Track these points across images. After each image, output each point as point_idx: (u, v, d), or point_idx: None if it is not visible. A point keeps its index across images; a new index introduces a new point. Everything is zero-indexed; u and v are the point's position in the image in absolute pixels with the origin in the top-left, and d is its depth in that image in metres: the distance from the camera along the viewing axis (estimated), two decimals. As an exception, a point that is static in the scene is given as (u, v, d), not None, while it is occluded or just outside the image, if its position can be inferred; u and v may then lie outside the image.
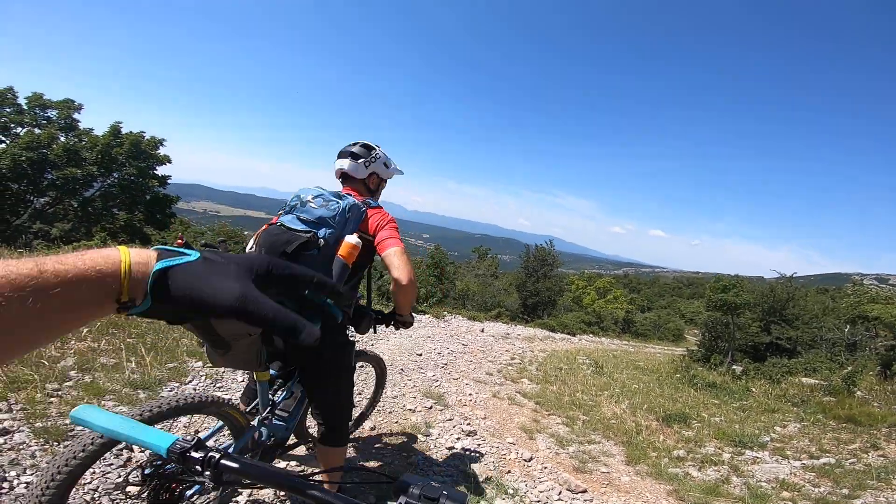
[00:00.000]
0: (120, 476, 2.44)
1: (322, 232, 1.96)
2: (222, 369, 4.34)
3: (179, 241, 1.99)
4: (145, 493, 1.62)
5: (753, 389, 10.17)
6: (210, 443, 1.91)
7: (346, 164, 2.39)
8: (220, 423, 2.04)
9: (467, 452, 3.91)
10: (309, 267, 1.95)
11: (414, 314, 2.88)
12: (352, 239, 1.95)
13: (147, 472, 1.54)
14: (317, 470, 2.13)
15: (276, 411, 2.25)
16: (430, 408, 4.89)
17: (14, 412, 2.73)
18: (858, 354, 14.60)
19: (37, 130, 17.16)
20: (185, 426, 3.17)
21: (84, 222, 18.25)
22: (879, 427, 7.04)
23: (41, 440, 2.54)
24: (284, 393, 2.31)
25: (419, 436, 4.03)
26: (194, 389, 3.73)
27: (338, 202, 2.02)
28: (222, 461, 0.83)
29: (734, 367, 14.04)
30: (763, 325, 18.87)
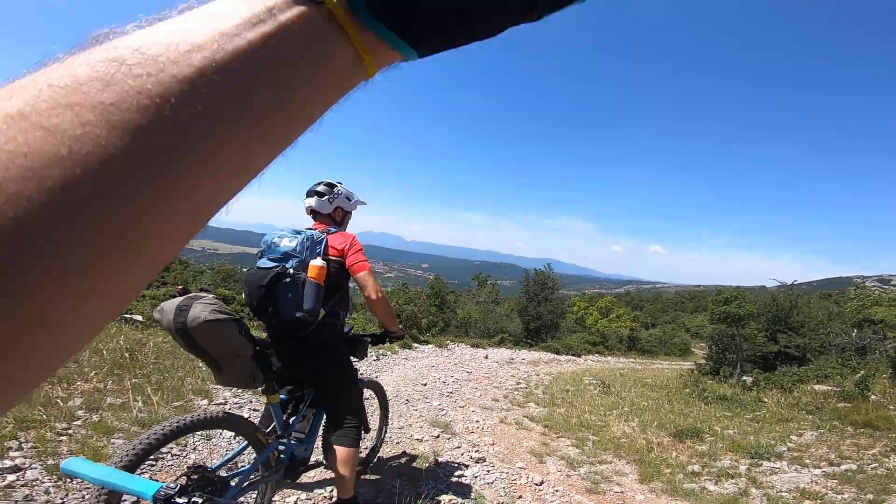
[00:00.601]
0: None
1: (289, 263, 2.32)
2: (227, 406, 4.41)
3: (179, 287, 2.29)
4: None
5: (765, 399, 9.99)
6: (241, 462, 1.90)
7: (312, 202, 2.68)
8: (245, 442, 2.26)
9: (477, 479, 3.81)
10: (285, 291, 2.12)
11: (416, 344, 3.03)
12: (316, 262, 2.31)
13: None
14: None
15: (293, 433, 2.51)
16: (438, 436, 4.80)
17: (25, 450, 2.77)
18: (869, 358, 14.42)
19: None
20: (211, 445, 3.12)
21: None
22: (898, 430, 6.89)
23: (54, 477, 2.57)
24: (298, 415, 2.56)
25: (427, 465, 3.94)
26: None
27: (296, 236, 2.40)
28: None
29: (744, 378, 13.84)
30: (769, 334, 18.67)
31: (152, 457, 2.45)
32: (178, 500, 0.84)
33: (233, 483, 2.09)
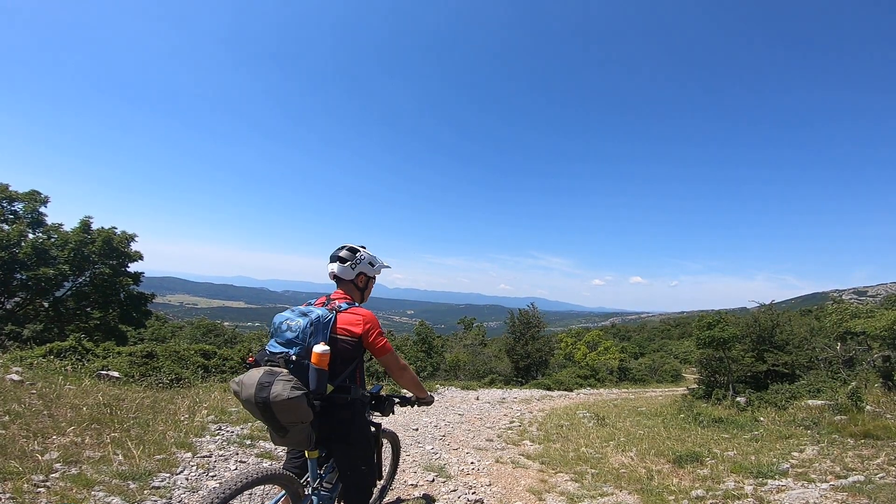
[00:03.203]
0: None
1: (293, 350, 2.40)
2: (213, 458, 4.27)
3: (250, 359, 2.49)
4: None
5: (762, 418, 9.87)
6: None
7: (335, 268, 2.77)
8: (283, 493, 2.45)
9: (475, 522, 3.60)
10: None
11: (431, 397, 3.13)
12: (318, 349, 2.35)
13: None
14: None
15: (323, 483, 2.68)
16: (433, 481, 4.60)
17: (3, 501, 2.72)
18: (857, 369, 14.49)
19: (5, 227, 16.57)
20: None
21: (56, 322, 17.34)
22: (898, 438, 6.83)
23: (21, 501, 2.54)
24: (328, 468, 2.73)
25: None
26: (186, 479, 3.70)
27: (299, 321, 2.45)
28: None
29: (738, 398, 13.74)
30: (756, 354, 18.72)
31: None
32: None
33: None
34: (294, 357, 2.38)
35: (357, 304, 2.73)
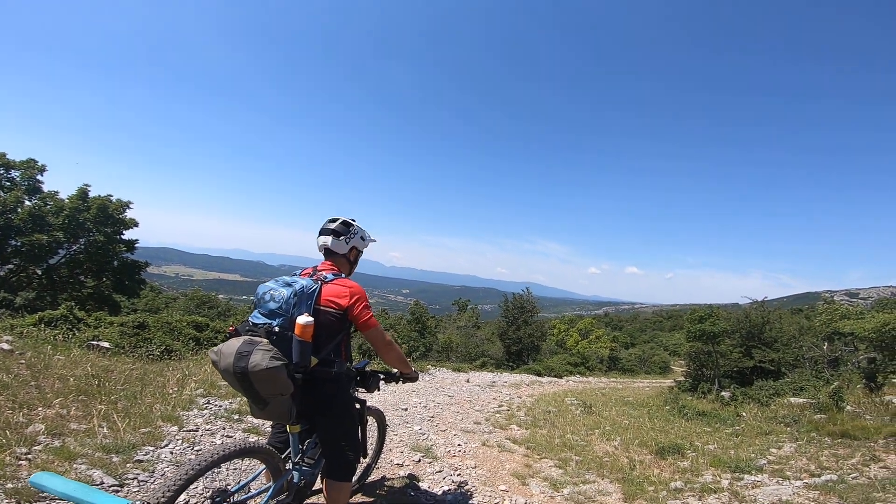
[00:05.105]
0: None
1: (275, 321, 2.35)
2: (200, 433, 4.29)
3: (231, 329, 2.41)
4: None
5: (744, 414, 10.07)
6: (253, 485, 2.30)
7: (329, 241, 2.72)
8: (263, 467, 2.47)
9: (459, 503, 3.70)
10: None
11: (416, 373, 3.12)
12: (301, 320, 2.31)
13: None
14: None
15: (305, 458, 2.65)
16: (419, 461, 4.69)
17: None
18: (842, 370, 14.72)
19: (1, 193, 16.55)
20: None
21: (49, 290, 17.39)
22: (875, 439, 6.99)
23: (13, 500, 2.50)
24: (310, 443, 2.71)
25: (409, 491, 3.83)
26: (171, 453, 3.70)
27: (282, 292, 2.40)
28: None
29: (722, 393, 13.97)
30: (744, 350, 18.97)
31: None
32: None
33: None
34: (277, 328, 2.33)
35: (344, 276, 2.70)
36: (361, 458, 2.87)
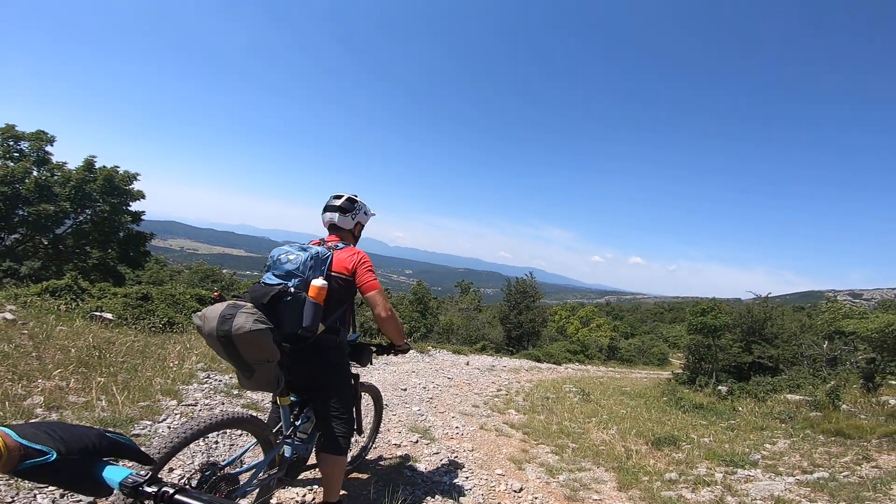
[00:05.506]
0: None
1: (291, 282, 2.38)
2: (199, 407, 4.29)
3: (215, 294, 2.39)
4: None
5: (740, 408, 10.14)
6: (245, 459, 2.21)
7: (335, 218, 2.76)
8: (254, 440, 2.39)
9: (455, 486, 3.76)
10: (286, 309, 2.22)
11: (408, 344, 3.09)
12: (317, 282, 2.35)
13: None
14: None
15: (297, 432, 2.62)
16: (416, 442, 4.74)
17: None
18: (840, 369, 14.77)
19: (10, 164, 16.65)
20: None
21: (54, 260, 17.54)
22: (869, 439, 7.04)
23: (5, 476, 2.42)
24: (303, 417, 2.66)
25: (405, 471, 3.87)
26: (168, 427, 3.67)
27: (300, 255, 2.44)
28: (176, 496, 0.76)
29: (719, 387, 14.05)
30: (744, 345, 19.03)
31: None
32: (146, 488, 0.77)
33: (242, 479, 2.18)
34: (293, 289, 2.34)
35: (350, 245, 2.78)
36: (357, 435, 2.87)
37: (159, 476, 0.80)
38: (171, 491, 0.76)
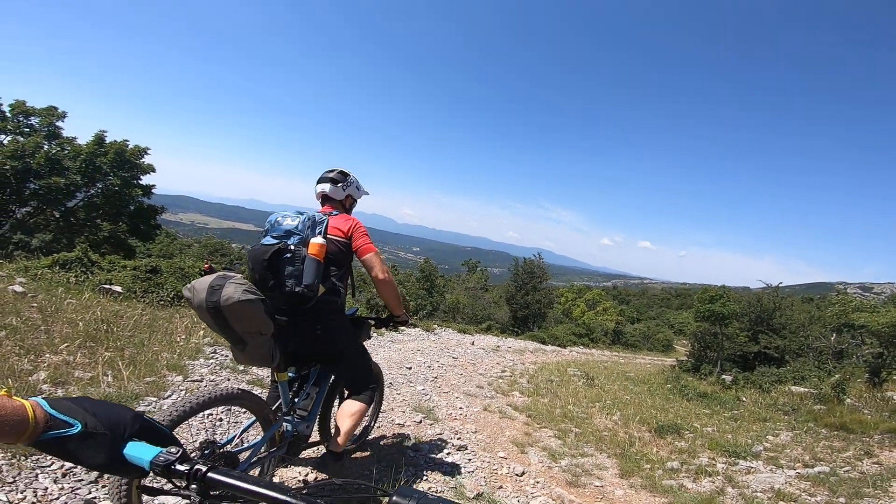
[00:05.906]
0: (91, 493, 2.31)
1: (291, 240, 2.42)
2: (204, 383, 4.31)
3: (206, 266, 2.43)
4: None
5: (744, 399, 10.14)
6: (245, 437, 2.18)
7: (326, 188, 2.84)
8: (253, 418, 2.36)
9: (458, 467, 3.79)
10: (286, 266, 2.25)
11: (403, 327, 3.13)
12: (316, 240, 2.40)
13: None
14: (312, 482, 2.53)
15: (297, 410, 2.65)
16: (420, 422, 4.78)
17: None
18: (846, 362, 14.70)
19: (20, 139, 16.75)
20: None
21: (66, 233, 17.74)
22: (872, 434, 7.02)
23: (8, 454, 2.43)
24: (302, 394, 2.69)
25: (408, 451, 3.91)
26: (173, 403, 3.68)
27: (299, 216, 2.50)
28: (209, 474, 0.76)
29: (724, 376, 14.04)
30: (751, 334, 18.95)
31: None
32: (178, 467, 0.77)
33: (242, 458, 2.16)
34: (292, 246, 2.38)
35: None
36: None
37: (190, 454, 0.80)
38: (204, 469, 0.75)
